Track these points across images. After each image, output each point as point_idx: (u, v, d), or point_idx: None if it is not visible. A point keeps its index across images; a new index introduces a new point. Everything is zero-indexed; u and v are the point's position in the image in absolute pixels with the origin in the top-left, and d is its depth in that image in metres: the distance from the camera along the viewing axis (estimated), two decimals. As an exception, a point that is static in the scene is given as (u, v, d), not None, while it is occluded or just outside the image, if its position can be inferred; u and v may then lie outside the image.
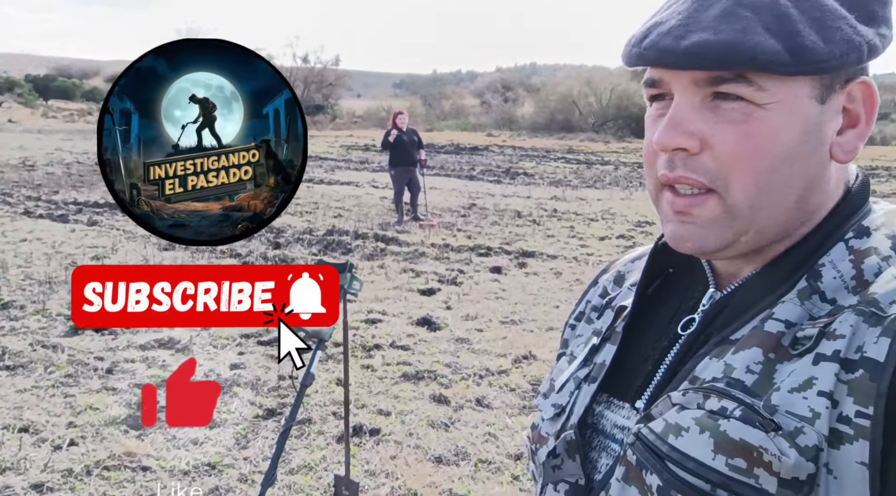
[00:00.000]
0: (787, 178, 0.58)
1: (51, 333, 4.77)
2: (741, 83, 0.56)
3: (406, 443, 3.38)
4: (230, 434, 3.46)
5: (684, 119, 0.58)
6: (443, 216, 10.07)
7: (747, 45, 0.54)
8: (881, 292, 0.54)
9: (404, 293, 6.02)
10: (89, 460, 3.10)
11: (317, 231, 8.65)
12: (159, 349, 4.58)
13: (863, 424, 0.50)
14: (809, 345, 0.54)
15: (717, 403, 0.55)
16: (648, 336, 0.69)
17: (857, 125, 0.61)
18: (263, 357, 4.45)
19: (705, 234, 0.59)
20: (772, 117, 0.57)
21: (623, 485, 0.59)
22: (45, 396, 3.77)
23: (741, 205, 0.58)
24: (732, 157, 0.57)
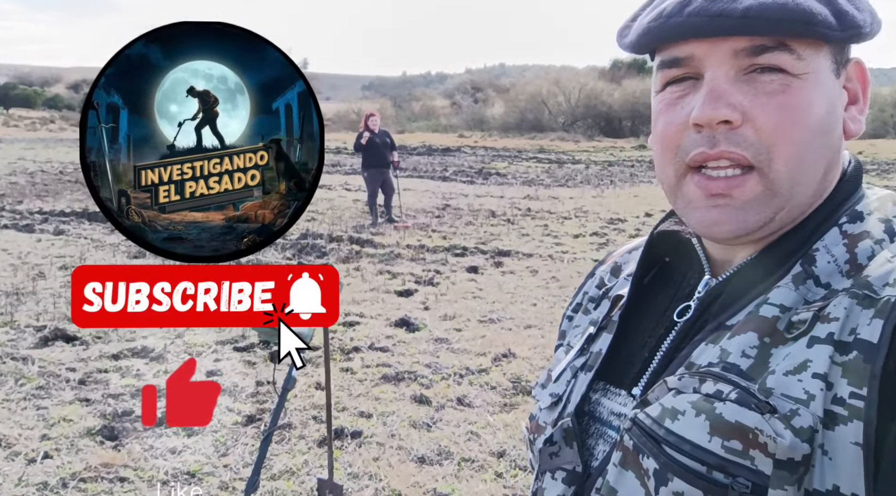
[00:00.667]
0: (819, 151, 0.58)
1: (20, 345, 4.65)
2: (783, 52, 0.55)
3: (388, 444, 3.37)
4: (209, 441, 3.41)
5: (725, 91, 0.56)
6: (417, 217, 10.05)
7: (803, 7, 0.54)
8: (874, 275, 0.54)
9: (381, 295, 6.00)
10: (65, 472, 3.03)
11: (290, 235, 8.56)
12: (133, 358, 4.49)
13: (857, 405, 0.50)
14: (804, 329, 0.54)
15: (712, 387, 0.55)
16: (645, 324, 0.69)
17: (857, 102, 0.62)
18: (240, 363, 4.40)
19: (744, 215, 0.58)
20: (807, 88, 0.56)
21: (620, 470, 0.59)
22: (16, 409, 3.67)
23: (783, 178, 0.57)
24: (775, 129, 0.56)
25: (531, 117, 33.74)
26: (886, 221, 0.59)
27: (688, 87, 0.59)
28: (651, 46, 0.61)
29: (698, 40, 0.57)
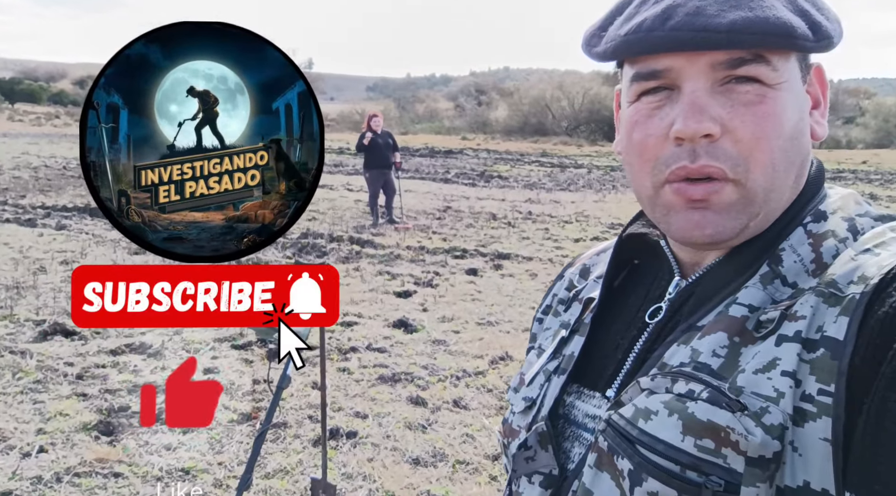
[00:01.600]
0: (792, 157, 0.60)
1: (19, 339, 4.66)
2: (760, 63, 0.57)
3: (383, 445, 3.37)
4: (204, 439, 3.41)
5: (706, 104, 0.57)
6: (418, 219, 10.06)
7: (783, 20, 0.55)
8: (839, 273, 0.55)
9: (380, 295, 6.00)
10: (59, 467, 3.04)
11: (291, 234, 8.57)
12: (130, 354, 4.50)
13: (825, 402, 0.51)
14: (772, 328, 0.55)
15: (684, 386, 0.55)
16: (617, 326, 0.69)
17: (819, 106, 0.63)
18: (237, 361, 4.40)
19: (722, 220, 0.59)
20: (782, 97, 0.58)
21: (595, 471, 0.59)
22: (13, 403, 3.68)
23: (759, 187, 0.58)
24: (752, 139, 0.57)
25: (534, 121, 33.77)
26: (849, 220, 0.61)
27: (663, 98, 0.60)
28: (625, 57, 0.62)
29: (676, 53, 0.58)
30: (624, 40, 0.59)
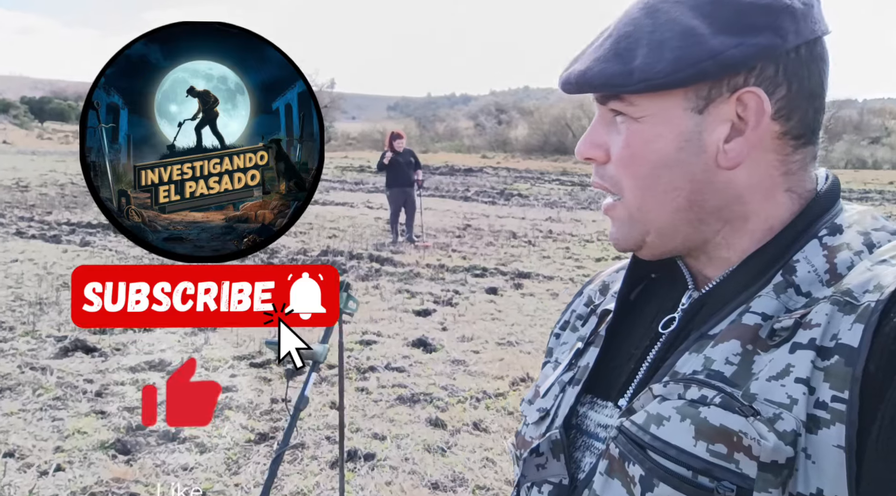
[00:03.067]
0: (668, 183, 0.63)
1: (40, 355, 4.68)
2: (616, 100, 0.63)
3: (402, 468, 3.31)
4: (221, 459, 3.37)
5: (595, 132, 0.66)
6: (437, 237, 10.04)
7: (593, 71, 0.62)
8: (855, 283, 0.56)
9: (399, 314, 5.96)
10: (76, 486, 3.02)
11: (311, 251, 8.59)
12: (150, 371, 4.50)
13: (839, 408, 0.51)
14: (786, 336, 0.55)
15: (697, 392, 0.56)
16: (631, 337, 0.71)
17: (745, 132, 0.62)
18: (256, 379, 4.37)
19: (620, 232, 0.67)
20: (645, 129, 0.62)
21: (606, 478, 0.60)
22: (32, 420, 3.68)
23: (632, 207, 0.65)
24: (619, 165, 0.64)
25: (554, 140, 33.76)
26: (865, 234, 0.61)
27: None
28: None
29: None
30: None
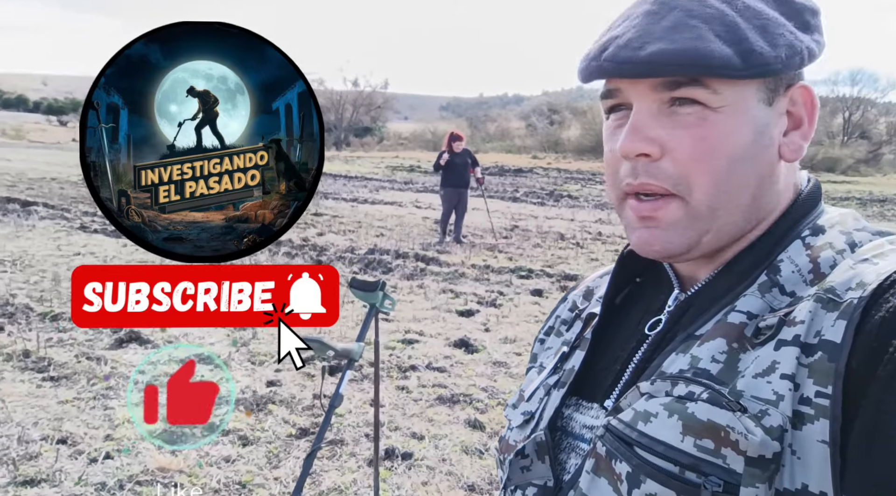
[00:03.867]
0: (742, 178, 0.61)
1: (96, 346, 4.86)
2: (697, 86, 0.59)
3: (438, 468, 3.30)
4: (262, 453, 3.43)
5: (644, 125, 0.61)
6: (484, 237, 10.01)
7: (702, 51, 0.58)
8: (838, 281, 0.56)
9: (442, 314, 5.96)
10: (123, 474, 3.11)
11: (358, 250, 8.68)
12: (199, 364, 4.61)
13: (823, 404, 0.51)
14: (771, 333, 0.56)
15: (684, 389, 0.56)
16: (617, 340, 0.70)
17: (801, 126, 0.64)
18: (299, 375, 4.44)
19: (670, 236, 0.62)
20: (725, 120, 0.60)
21: (593, 476, 0.60)
22: (85, 408, 3.82)
23: (702, 206, 0.61)
24: (691, 160, 0.60)
25: (607, 140, 33.26)
26: (847, 234, 0.62)
27: (623, 117, 0.63)
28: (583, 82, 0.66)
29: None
30: (579, 67, 0.64)
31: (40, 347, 4.65)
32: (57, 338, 4.94)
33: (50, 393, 3.99)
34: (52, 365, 4.38)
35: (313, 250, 8.51)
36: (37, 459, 3.20)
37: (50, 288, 6.26)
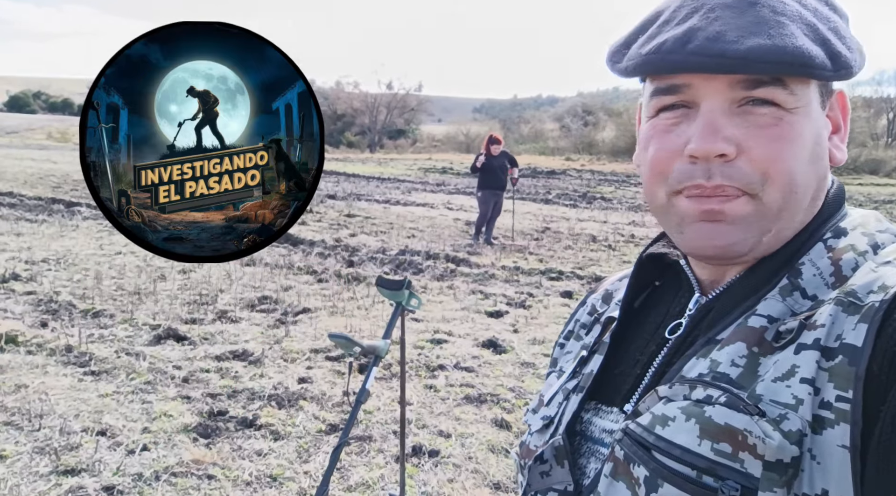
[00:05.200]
0: (809, 179, 0.60)
1: (136, 342, 5.01)
2: (777, 87, 0.58)
3: (465, 466, 3.33)
4: (293, 447, 3.51)
5: (721, 124, 0.58)
6: (515, 239, 10.00)
7: (801, 50, 0.56)
8: (859, 284, 0.55)
9: (472, 314, 5.99)
10: (159, 466, 3.22)
11: (390, 251, 8.76)
12: (233, 360, 4.73)
13: (843, 408, 0.50)
14: (791, 337, 0.55)
15: (702, 392, 0.56)
16: (636, 344, 0.70)
17: (840, 131, 0.64)
18: (330, 372, 4.52)
19: (735, 232, 0.60)
20: (798, 121, 0.59)
21: (611, 481, 0.59)
22: (124, 402, 3.95)
23: (774, 205, 0.59)
24: (767, 161, 0.58)
25: (642, 141, 32.85)
26: (869, 236, 0.61)
27: (680, 115, 0.61)
28: (647, 75, 0.63)
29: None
30: (644, 59, 0.60)
31: (82, 343, 4.82)
32: (99, 334, 5.11)
33: (91, 386, 4.14)
34: (93, 360, 4.54)
35: (345, 251, 8.62)
36: (77, 450, 3.32)
37: (92, 285, 6.47)
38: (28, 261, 7.41)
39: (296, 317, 5.78)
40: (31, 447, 3.32)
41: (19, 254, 7.75)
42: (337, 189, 16.38)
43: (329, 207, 13.20)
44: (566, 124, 44.30)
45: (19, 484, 2.99)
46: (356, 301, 6.36)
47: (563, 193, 17.10)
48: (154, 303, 6.03)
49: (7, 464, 3.16)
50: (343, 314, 5.92)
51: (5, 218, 10.28)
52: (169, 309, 5.83)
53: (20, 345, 4.74)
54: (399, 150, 39.10)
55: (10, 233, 9.09)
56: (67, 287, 6.39)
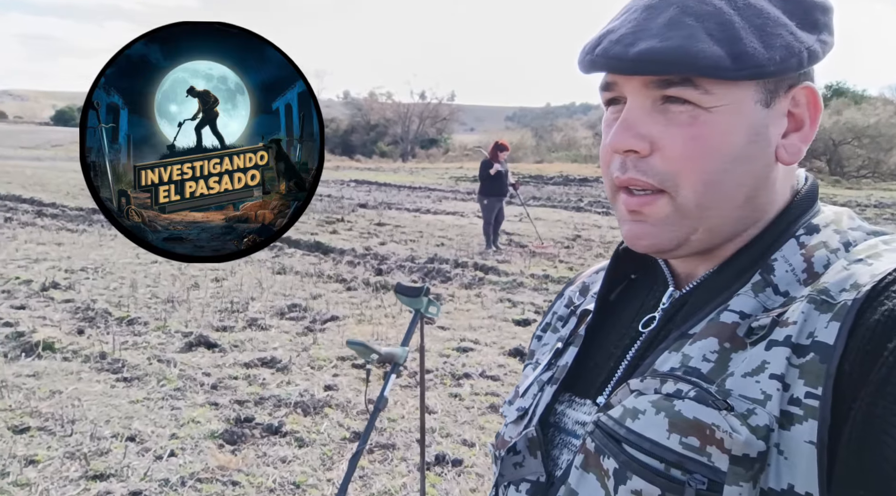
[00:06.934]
0: (736, 178, 0.60)
1: (168, 349, 5.10)
2: (688, 86, 0.58)
3: (488, 476, 3.29)
4: (317, 454, 3.52)
5: (636, 122, 0.60)
6: (545, 247, 9.94)
7: (691, 51, 0.57)
8: (832, 282, 0.56)
9: (499, 323, 5.95)
10: (185, 471, 3.26)
11: (419, 259, 8.78)
12: (261, 367, 4.77)
13: (812, 405, 0.51)
14: (763, 334, 0.55)
15: (673, 386, 0.57)
16: (611, 337, 0.70)
17: (802, 128, 0.63)
18: (356, 380, 4.53)
19: (658, 232, 0.62)
20: (718, 120, 0.59)
21: (581, 472, 0.60)
22: (154, 408, 4.02)
23: (690, 204, 0.60)
24: (681, 159, 0.59)
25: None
26: (842, 233, 0.62)
27: (620, 110, 0.63)
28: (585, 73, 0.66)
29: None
30: (579, 57, 0.64)
31: (116, 349, 4.93)
32: (132, 341, 5.22)
33: (122, 393, 4.22)
34: (125, 366, 4.63)
35: (375, 259, 8.66)
36: (106, 455, 3.39)
37: (128, 293, 6.62)
38: (67, 269, 7.62)
39: (324, 324, 5.82)
40: (62, 452, 3.39)
41: (59, 262, 7.98)
42: (368, 198, 16.50)
43: (360, 216, 13.30)
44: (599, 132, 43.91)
45: (49, 488, 3.05)
46: (384, 309, 6.38)
47: (595, 201, 16.94)
48: (187, 310, 6.13)
49: (39, 468, 3.23)
50: (370, 322, 5.94)
51: (48, 228, 10.60)
52: (201, 316, 5.93)
53: (57, 351, 4.87)
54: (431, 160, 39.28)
55: (52, 242, 9.37)
56: (104, 295, 6.55)
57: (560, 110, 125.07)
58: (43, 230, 10.41)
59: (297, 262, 8.51)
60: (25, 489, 3.04)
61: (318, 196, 16.76)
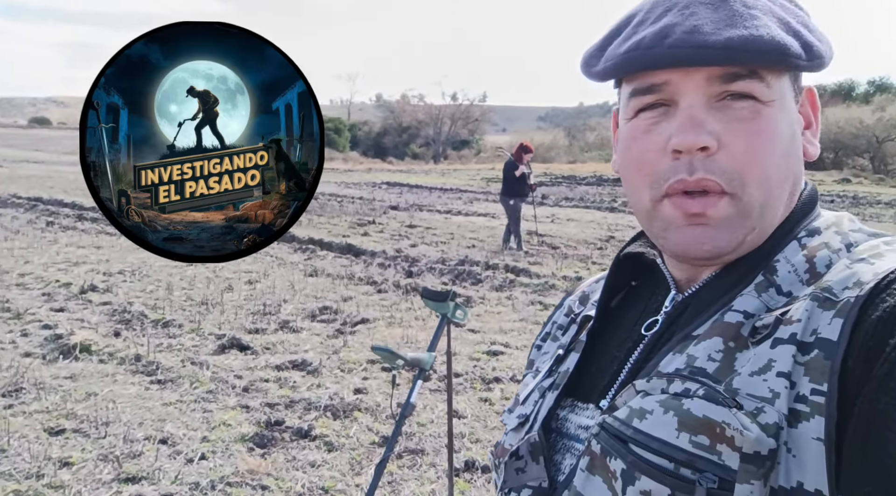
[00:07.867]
0: (786, 173, 0.61)
1: (201, 351, 5.15)
2: (754, 79, 0.58)
3: (518, 483, 3.24)
4: (346, 459, 3.51)
5: (702, 118, 0.58)
6: (578, 248, 9.81)
7: (777, 40, 0.57)
8: (834, 280, 0.56)
9: (530, 326, 5.88)
10: (215, 475, 3.27)
11: (449, 261, 8.75)
12: (292, 370, 4.79)
13: (818, 401, 0.51)
14: (767, 332, 0.55)
15: (680, 386, 0.56)
16: (613, 341, 0.70)
17: (811, 126, 0.65)
18: (385, 383, 4.51)
19: (720, 234, 0.60)
20: (774, 114, 0.59)
21: (587, 474, 0.60)
22: (186, 410, 4.05)
23: (755, 202, 0.59)
24: (745, 155, 0.58)
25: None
26: (843, 234, 0.62)
27: (660, 114, 0.61)
28: (624, 75, 0.64)
29: (674, 68, 0.60)
30: (623, 58, 0.61)
31: (150, 352, 5.00)
32: (167, 344, 5.29)
33: (156, 395, 4.27)
34: (160, 369, 4.69)
35: (405, 261, 8.66)
36: (139, 458, 3.42)
37: (163, 296, 6.72)
38: (105, 272, 7.78)
39: (354, 327, 5.82)
40: (95, 454, 3.44)
41: (98, 265, 8.15)
42: (399, 200, 16.54)
43: (391, 218, 13.34)
44: (633, 130, 43.48)
45: (81, 490, 3.09)
46: (414, 311, 6.36)
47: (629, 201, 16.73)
48: (220, 313, 6.20)
49: (73, 470, 3.28)
50: (401, 324, 5.92)
51: (87, 232, 10.86)
52: (234, 319, 5.99)
53: (93, 354, 4.96)
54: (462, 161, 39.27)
55: (91, 246, 9.58)
56: (140, 297, 6.66)
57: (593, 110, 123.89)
58: (83, 234, 10.66)
59: (328, 265, 8.56)
60: (59, 491, 3.09)
61: (349, 198, 16.86)
